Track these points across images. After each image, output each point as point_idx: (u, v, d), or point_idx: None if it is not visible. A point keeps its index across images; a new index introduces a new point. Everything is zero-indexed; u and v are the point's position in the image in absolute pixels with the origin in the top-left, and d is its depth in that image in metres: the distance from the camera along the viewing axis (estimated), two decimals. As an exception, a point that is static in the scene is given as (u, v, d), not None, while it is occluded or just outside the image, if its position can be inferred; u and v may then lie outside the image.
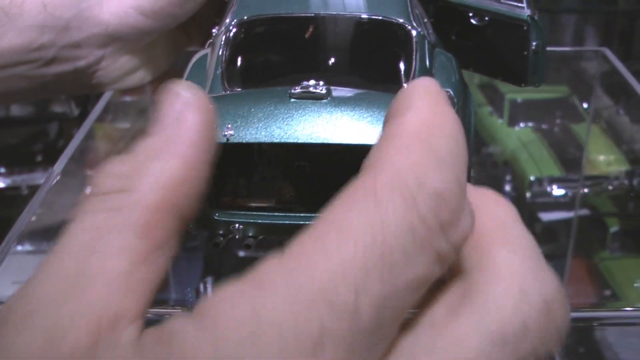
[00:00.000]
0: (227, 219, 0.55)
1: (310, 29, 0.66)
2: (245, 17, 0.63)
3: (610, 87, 1.27)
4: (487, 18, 0.70)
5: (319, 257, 0.28)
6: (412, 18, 0.65)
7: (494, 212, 0.34)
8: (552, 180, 1.51)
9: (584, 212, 1.44)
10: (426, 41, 0.64)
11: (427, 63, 0.62)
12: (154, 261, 0.31)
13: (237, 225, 0.55)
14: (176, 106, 0.33)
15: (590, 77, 1.27)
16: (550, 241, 1.41)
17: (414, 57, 0.62)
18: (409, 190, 0.29)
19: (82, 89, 0.84)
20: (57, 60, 0.76)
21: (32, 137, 2.10)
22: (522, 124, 1.60)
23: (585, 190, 1.44)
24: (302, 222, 0.55)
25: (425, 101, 0.32)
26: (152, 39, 0.80)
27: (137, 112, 1.27)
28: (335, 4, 0.66)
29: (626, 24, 2.55)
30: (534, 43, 0.68)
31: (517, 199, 1.56)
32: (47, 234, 0.96)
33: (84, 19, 0.75)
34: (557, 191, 1.50)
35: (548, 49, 0.70)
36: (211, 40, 0.67)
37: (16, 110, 2.19)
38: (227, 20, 0.64)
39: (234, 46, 0.62)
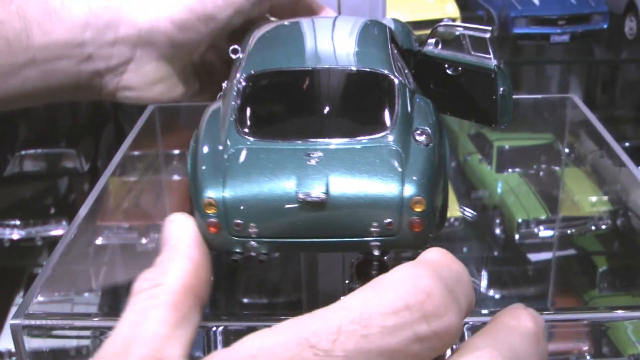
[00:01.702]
0: (244, 239, 0.62)
1: (308, 81, 0.74)
2: (253, 72, 0.71)
3: (578, 132, 1.34)
4: (460, 68, 0.78)
5: (316, 317, 0.41)
6: (394, 69, 0.74)
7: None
8: (539, 222, 1.57)
9: (572, 252, 1.49)
10: (407, 89, 0.72)
11: (408, 107, 0.70)
12: (184, 326, 0.45)
13: (253, 243, 0.62)
14: (174, 228, 0.54)
15: (566, 122, 1.33)
16: (540, 281, 1.47)
17: (396, 102, 0.70)
18: (403, 287, 0.41)
19: (110, 92, 0.90)
20: (93, 57, 0.85)
21: (45, 191, 2.18)
22: (509, 170, 1.66)
23: (573, 230, 1.49)
24: (308, 242, 0.63)
25: (438, 252, 0.47)
26: (177, 54, 0.87)
27: (145, 166, 1.32)
28: (328, 59, 0.75)
29: (608, 73, 2.63)
30: (501, 88, 0.76)
31: (506, 241, 1.62)
32: (62, 284, 1.03)
33: (121, 20, 0.84)
34: (544, 232, 1.56)
35: (520, 96, 0.79)
36: (221, 93, 0.74)
37: (29, 165, 2.26)
38: (237, 74, 0.71)
39: (244, 96, 0.69)
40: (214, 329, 0.94)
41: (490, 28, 0.76)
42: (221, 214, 0.60)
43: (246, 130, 0.66)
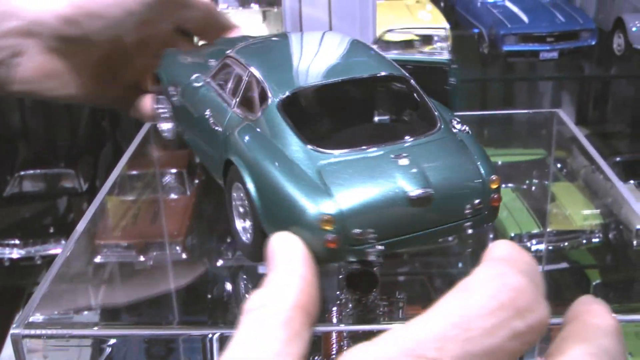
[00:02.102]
0: (363, 246, 0.67)
1: (342, 92, 0.79)
2: (289, 93, 0.74)
3: (567, 146, 1.36)
4: (409, 66, 0.83)
5: (419, 327, 0.42)
6: (402, 70, 0.80)
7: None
8: (532, 236, 1.58)
9: (564, 265, 1.50)
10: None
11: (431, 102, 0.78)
12: (296, 343, 0.46)
13: (371, 249, 0.67)
14: (281, 248, 0.55)
15: (553, 137, 1.35)
16: None
17: (425, 98, 0.77)
18: (493, 287, 0.42)
19: (4, 85, 0.91)
20: None
21: (44, 211, 2.20)
22: (502, 185, 1.68)
23: (565, 244, 1.51)
24: (418, 236, 0.69)
25: (507, 246, 0.47)
26: (66, 48, 0.90)
27: (143, 185, 1.35)
28: (347, 69, 0.79)
29: (599, 89, 2.66)
30: (451, 80, 0.86)
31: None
32: (61, 302, 1.04)
33: (12, 12, 0.86)
34: (537, 246, 1.57)
35: (507, 111, 0.84)
36: (237, 114, 0.78)
37: (28, 186, 2.28)
38: (270, 96, 0.74)
39: (294, 115, 0.72)
40: (210, 335, 0.96)
41: (446, 26, 0.84)
42: (339, 227, 0.64)
43: (316, 146, 0.69)
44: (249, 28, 2.14)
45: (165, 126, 1.00)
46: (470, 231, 0.70)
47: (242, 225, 0.77)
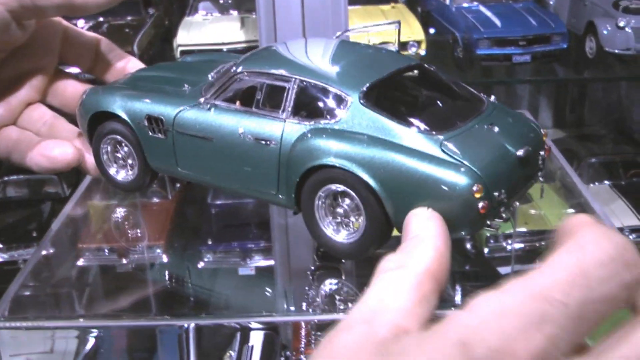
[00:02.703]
0: (498, 207, 0.74)
1: (403, 81, 0.86)
2: (364, 88, 0.79)
3: None
4: None
5: (543, 276, 0.45)
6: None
7: None
8: (507, 236, 1.60)
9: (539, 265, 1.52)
10: None
11: None
12: (423, 305, 0.50)
13: (502, 207, 0.75)
14: (419, 221, 0.61)
15: None
16: None
17: (452, 79, 0.87)
18: (602, 243, 0.46)
19: None
20: None
21: (28, 216, 2.21)
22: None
23: (542, 243, 1.52)
24: (523, 188, 0.80)
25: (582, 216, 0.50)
26: None
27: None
28: (387, 64, 0.85)
29: (575, 92, 2.69)
30: None
31: (477, 255, 1.64)
32: (45, 305, 1.06)
33: None
34: (513, 246, 1.59)
35: None
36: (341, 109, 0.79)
37: (12, 191, 2.29)
38: (348, 95, 0.78)
39: (379, 107, 0.77)
40: (186, 325, 0.98)
41: (397, 21, 0.88)
42: (486, 194, 0.71)
43: (420, 129, 0.76)
44: (227, 34, 2.17)
45: (122, 174, 0.97)
46: (541, 179, 0.83)
47: (340, 227, 0.80)
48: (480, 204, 0.70)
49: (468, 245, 1.66)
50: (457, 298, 1.54)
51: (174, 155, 0.89)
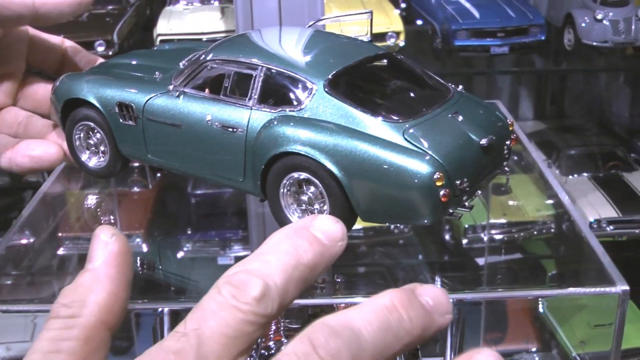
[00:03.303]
0: (459, 195, 0.74)
1: (371, 69, 0.85)
2: (330, 76, 0.79)
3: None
4: None
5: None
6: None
7: None
8: (484, 227, 1.61)
9: (519, 255, 1.53)
10: None
11: None
12: (95, 357, 0.49)
13: (465, 196, 0.75)
14: (98, 247, 0.55)
15: None
16: (489, 284, 1.51)
17: (420, 68, 0.88)
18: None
19: None
20: None
21: (9, 205, 2.22)
22: None
23: (522, 234, 1.53)
24: (485, 178, 0.80)
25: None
26: None
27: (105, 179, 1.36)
28: (355, 52, 0.85)
29: (556, 84, 2.70)
30: None
31: (455, 246, 1.65)
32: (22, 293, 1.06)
33: None
34: (491, 236, 1.60)
35: None
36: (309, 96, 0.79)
37: (-6, 181, 2.30)
38: (313, 83, 0.78)
39: (345, 95, 0.77)
40: (160, 309, 0.98)
41: (369, 11, 0.88)
42: (447, 182, 0.71)
43: (384, 117, 0.76)
44: (207, 24, 2.17)
45: (94, 161, 0.97)
46: (507, 170, 0.83)
47: (305, 215, 0.80)
48: (442, 192, 0.71)
49: (447, 236, 1.67)
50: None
51: (143, 142, 0.89)
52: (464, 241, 1.66)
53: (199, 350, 0.46)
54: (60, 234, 1.20)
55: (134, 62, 0.99)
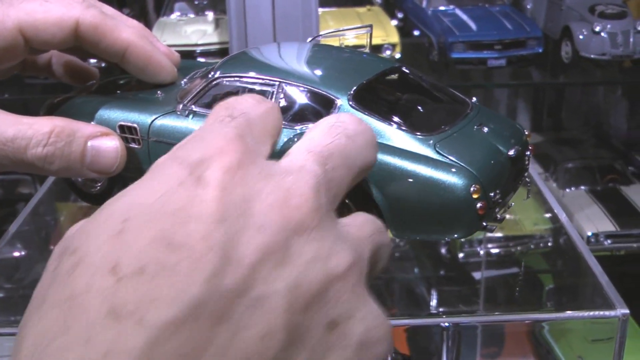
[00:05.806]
0: (494, 207, 0.73)
1: (389, 83, 0.84)
2: (353, 91, 0.77)
3: None
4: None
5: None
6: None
7: None
8: (481, 241, 1.60)
9: (515, 270, 1.53)
10: None
11: None
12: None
13: (498, 208, 0.74)
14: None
15: None
16: (486, 299, 1.50)
17: (433, 81, 0.87)
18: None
19: None
20: None
21: (1, 217, 2.20)
22: None
23: (518, 248, 1.53)
24: (513, 188, 0.79)
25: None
26: None
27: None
28: (371, 67, 0.83)
29: (553, 97, 2.70)
30: None
31: (451, 260, 1.65)
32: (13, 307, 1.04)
33: None
34: (487, 250, 1.59)
35: None
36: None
37: (-15, 193, 2.29)
38: (337, 98, 0.77)
39: (372, 109, 0.76)
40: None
41: (369, 25, 0.87)
42: (483, 194, 0.71)
43: (410, 131, 0.75)
44: (200, 36, 2.17)
45: (87, 187, 0.94)
46: (528, 180, 0.83)
47: None
48: (479, 205, 0.70)
49: (443, 250, 1.66)
50: (433, 303, 1.54)
51: (149, 165, 0.85)
52: (460, 255, 1.65)
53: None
54: (52, 247, 1.18)
55: (131, 81, 0.93)
